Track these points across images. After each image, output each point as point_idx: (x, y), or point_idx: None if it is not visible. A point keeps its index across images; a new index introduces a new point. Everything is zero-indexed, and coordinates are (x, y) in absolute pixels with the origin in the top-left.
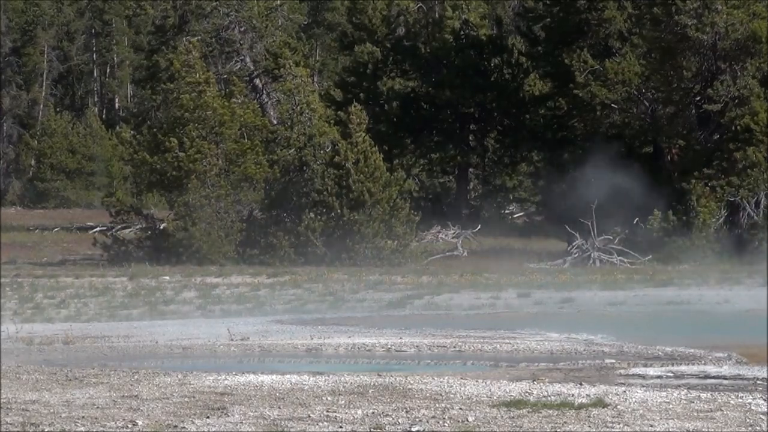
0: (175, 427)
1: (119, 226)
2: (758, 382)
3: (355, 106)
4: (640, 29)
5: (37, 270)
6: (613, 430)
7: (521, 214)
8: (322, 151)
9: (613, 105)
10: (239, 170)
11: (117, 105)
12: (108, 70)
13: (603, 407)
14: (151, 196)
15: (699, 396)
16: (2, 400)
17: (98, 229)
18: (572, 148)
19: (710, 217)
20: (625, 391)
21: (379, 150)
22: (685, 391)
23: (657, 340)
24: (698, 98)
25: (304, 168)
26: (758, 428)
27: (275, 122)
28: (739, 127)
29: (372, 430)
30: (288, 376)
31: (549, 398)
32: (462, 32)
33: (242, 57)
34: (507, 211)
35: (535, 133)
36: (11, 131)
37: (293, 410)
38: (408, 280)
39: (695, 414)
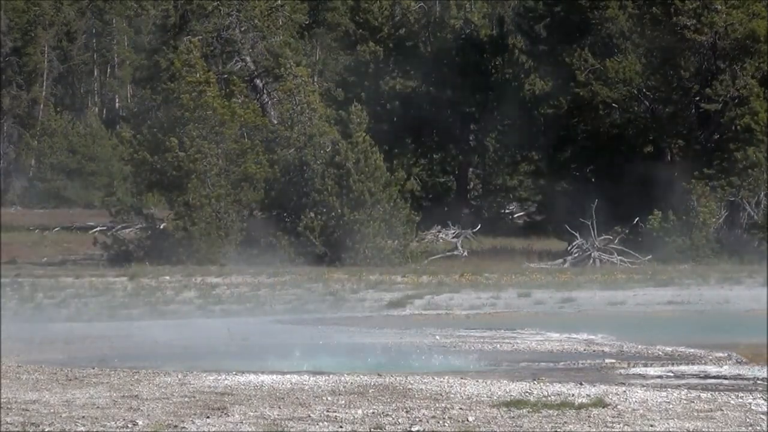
0: (175, 427)
1: (119, 226)
2: (758, 382)
3: (355, 106)
4: (641, 29)
5: (37, 270)
6: (613, 430)
7: (521, 214)
8: (322, 151)
9: (614, 104)
10: (239, 170)
11: (117, 105)
12: (108, 70)
13: (603, 407)
14: (151, 196)
15: (699, 396)
16: (2, 400)
17: (98, 229)
18: (573, 148)
19: (710, 217)
20: (625, 391)
21: (380, 150)
22: (685, 391)
23: (657, 340)
24: (698, 98)
25: (304, 168)
26: (758, 428)
27: (275, 122)
28: (739, 127)
29: (372, 430)
30: (288, 376)
31: (549, 398)
32: (463, 32)
33: (243, 57)
34: (507, 211)
35: (535, 132)
36: (11, 131)
37: (293, 410)
38: (408, 280)
39: (695, 414)
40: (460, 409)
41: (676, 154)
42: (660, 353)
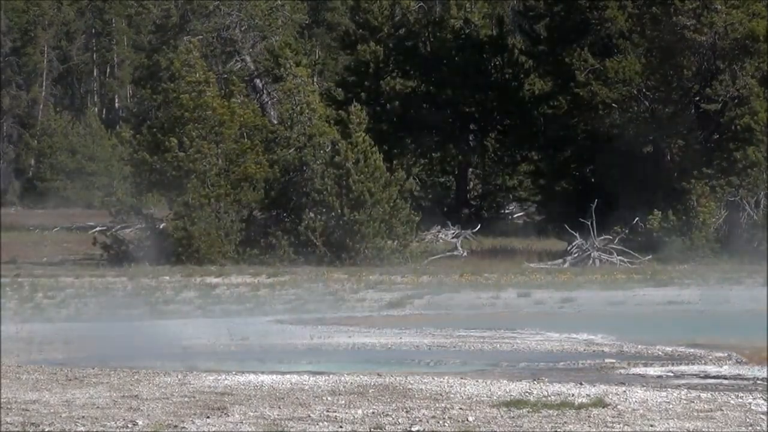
0: (175, 427)
1: (119, 226)
2: (758, 382)
3: (355, 106)
4: (641, 29)
5: (37, 270)
6: (613, 430)
7: (521, 214)
8: (322, 151)
9: (613, 104)
10: (239, 170)
11: (117, 105)
12: (108, 70)
13: (603, 407)
14: (151, 196)
15: (699, 396)
16: (2, 400)
17: (98, 229)
18: (572, 148)
19: (710, 217)
20: (625, 391)
21: (380, 150)
22: (685, 391)
23: (657, 340)
24: (698, 98)
25: (304, 168)
26: (758, 428)
27: (275, 122)
28: (738, 127)
29: (372, 430)
30: (288, 376)
31: (549, 398)
32: (463, 32)
33: (243, 57)
34: (507, 211)
35: (535, 132)
36: (11, 131)
37: (293, 410)
38: (408, 280)
39: (695, 414)
40: (460, 409)
41: (676, 154)
42: (660, 353)
